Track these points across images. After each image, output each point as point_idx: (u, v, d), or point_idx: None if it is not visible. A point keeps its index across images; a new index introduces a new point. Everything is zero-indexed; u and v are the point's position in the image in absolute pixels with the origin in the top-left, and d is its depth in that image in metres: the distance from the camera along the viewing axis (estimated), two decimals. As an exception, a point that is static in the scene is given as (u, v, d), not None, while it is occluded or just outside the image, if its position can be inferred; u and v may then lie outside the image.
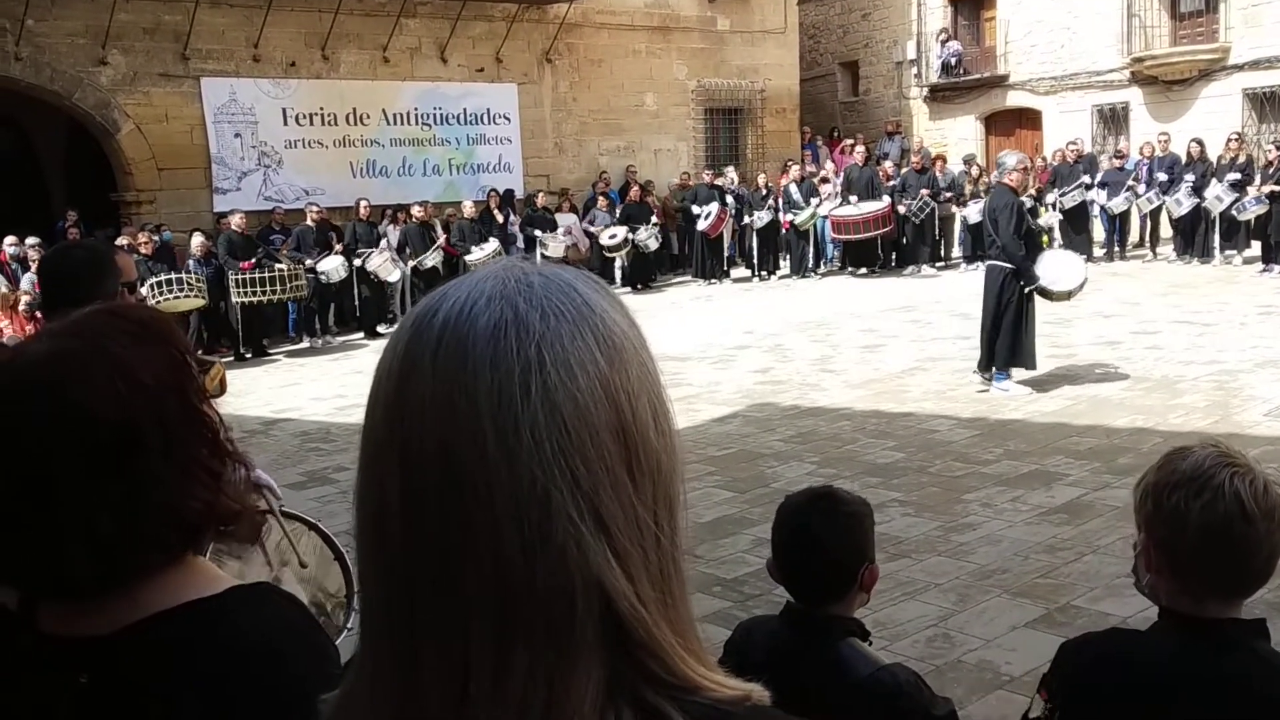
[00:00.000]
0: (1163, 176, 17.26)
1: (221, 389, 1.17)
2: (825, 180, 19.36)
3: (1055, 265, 9.41)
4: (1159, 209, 17.60)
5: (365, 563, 0.75)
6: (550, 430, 0.68)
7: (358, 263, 15.56)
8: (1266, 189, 15.29)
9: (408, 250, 16.31)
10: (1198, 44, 19.84)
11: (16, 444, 1.10)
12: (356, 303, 16.03)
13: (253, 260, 14.42)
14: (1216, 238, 16.63)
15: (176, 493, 1.13)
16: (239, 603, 1.19)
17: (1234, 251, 16.50)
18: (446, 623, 0.70)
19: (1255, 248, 16.17)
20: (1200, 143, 17.15)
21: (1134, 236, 18.62)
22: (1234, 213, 15.87)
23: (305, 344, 15.20)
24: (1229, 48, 19.26)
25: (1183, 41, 20.22)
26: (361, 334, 15.80)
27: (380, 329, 15.96)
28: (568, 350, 0.70)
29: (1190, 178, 16.69)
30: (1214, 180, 16.32)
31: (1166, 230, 17.81)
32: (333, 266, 15.13)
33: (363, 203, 16.39)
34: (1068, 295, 9.33)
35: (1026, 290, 8.94)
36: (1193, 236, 17.01)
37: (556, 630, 0.69)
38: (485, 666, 0.69)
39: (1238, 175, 16.04)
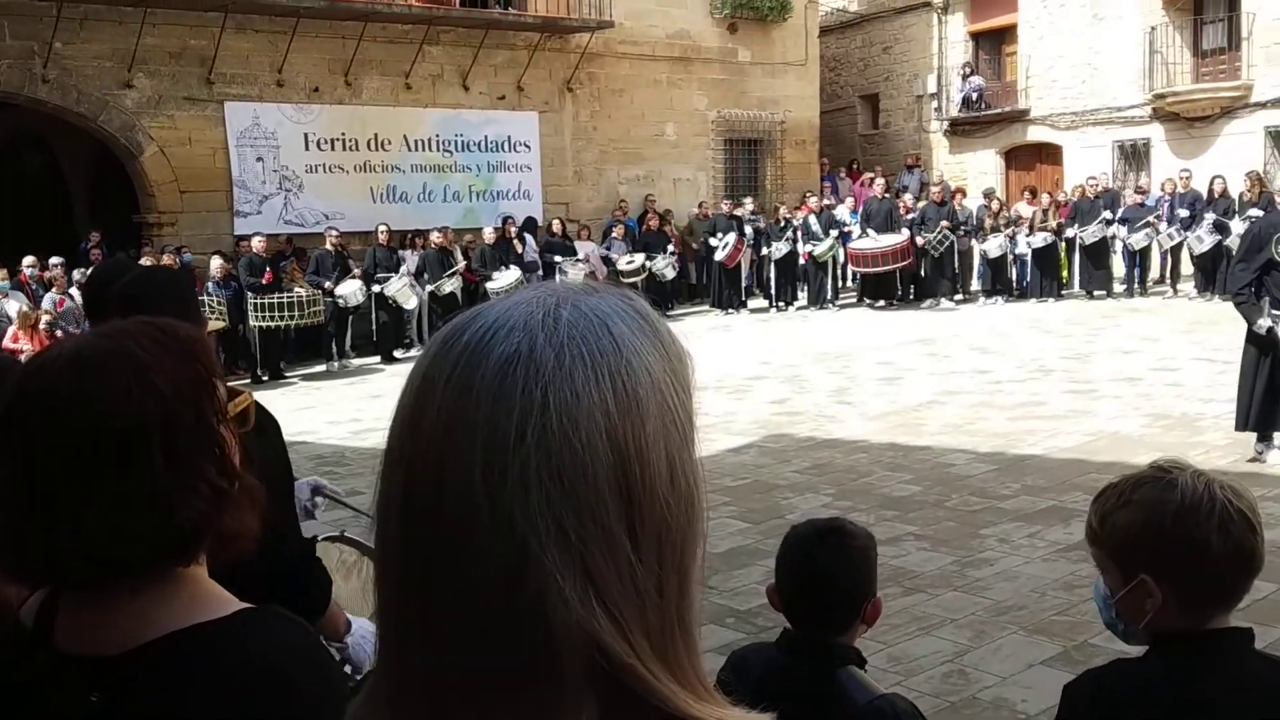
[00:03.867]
0: (1184, 213, 17.20)
1: (246, 421, 1.17)
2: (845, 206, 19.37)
3: None
4: (1180, 245, 17.52)
5: (376, 577, 0.75)
6: (540, 477, 0.66)
7: (376, 288, 15.63)
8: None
9: (425, 276, 16.37)
10: (1220, 81, 19.82)
11: (23, 426, 1.13)
12: (374, 327, 16.09)
13: (270, 272, 14.51)
14: (1238, 275, 16.52)
15: (173, 501, 1.13)
16: (248, 627, 1.18)
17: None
18: (423, 651, 0.69)
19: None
20: (1222, 179, 17.10)
21: (1154, 273, 18.54)
22: (1256, 250, 15.78)
23: (322, 368, 15.24)
24: (1251, 85, 19.22)
25: (1205, 79, 20.20)
26: (378, 358, 15.83)
27: (398, 354, 16.01)
28: (577, 396, 0.67)
29: (1211, 215, 16.62)
30: (1236, 218, 16.24)
31: (1187, 267, 17.72)
32: (351, 291, 15.20)
33: (382, 228, 16.47)
34: None
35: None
36: (1214, 274, 16.89)
37: (534, 673, 0.67)
38: (465, 700, 0.68)
39: (1259, 213, 15.96)
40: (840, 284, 19.43)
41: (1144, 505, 1.68)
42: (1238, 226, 15.95)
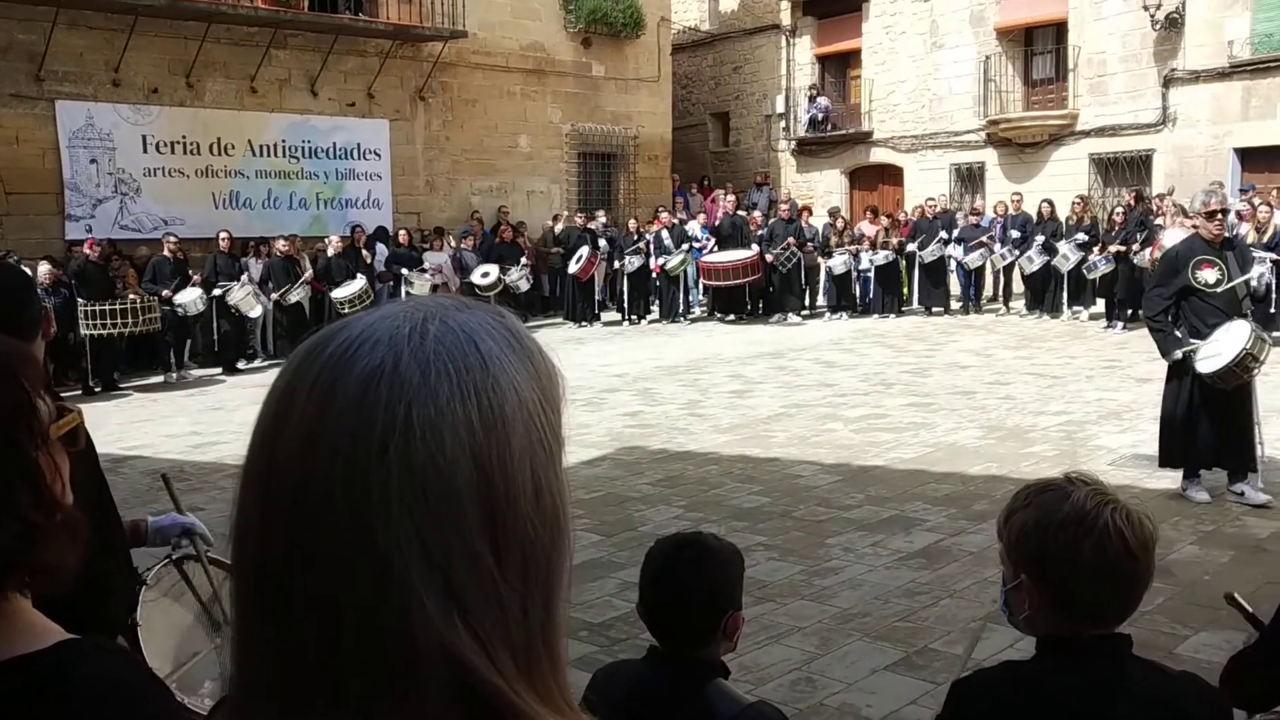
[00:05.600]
0: (1016, 234, 18.03)
1: (75, 441, 1.11)
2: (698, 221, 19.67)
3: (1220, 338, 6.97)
4: (1012, 265, 18.36)
5: (234, 595, 0.73)
6: (403, 494, 0.65)
7: (218, 292, 15.10)
8: (1112, 249, 16.09)
9: (270, 285, 15.92)
10: (1048, 110, 20.88)
11: None
12: (216, 337, 15.54)
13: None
14: (1065, 294, 17.41)
15: None
16: (72, 656, 1.13)
17: (1080, 308, 17.30)
18: (279, 669, 0.68)
19: (1100, 305, 16.99)
20: (1050, 203, 17.99)
21: (988, 291, 19.39)
22: (1084, 271, 16.65)
23: (160, 378, 14.64)
24: (1077, 114, 20.32)
25: (1035, 107, 21.26)
26: (220, 369, 15.30)
27: (240, 365, 15.50)
28: (441, 412, 0.67)
29: (1041, 237, 17.48)
30: (1063, 239, 17.12)
31: (1019, 286, 18.58)
32: (190, 299, 14.65)
33: (224, 235, 15.93)
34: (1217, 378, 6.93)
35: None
36: (1043, 293, 17.78)
37: (394, 691, 0.66)
38: (322, 718, 0.67)
39: (1084, 236, 16.87)
40: (691, 298, 19.69)
41: (1038, 509, 1.78)
42: (1064, 248, 16.83)
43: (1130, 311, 16.31)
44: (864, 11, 23.64)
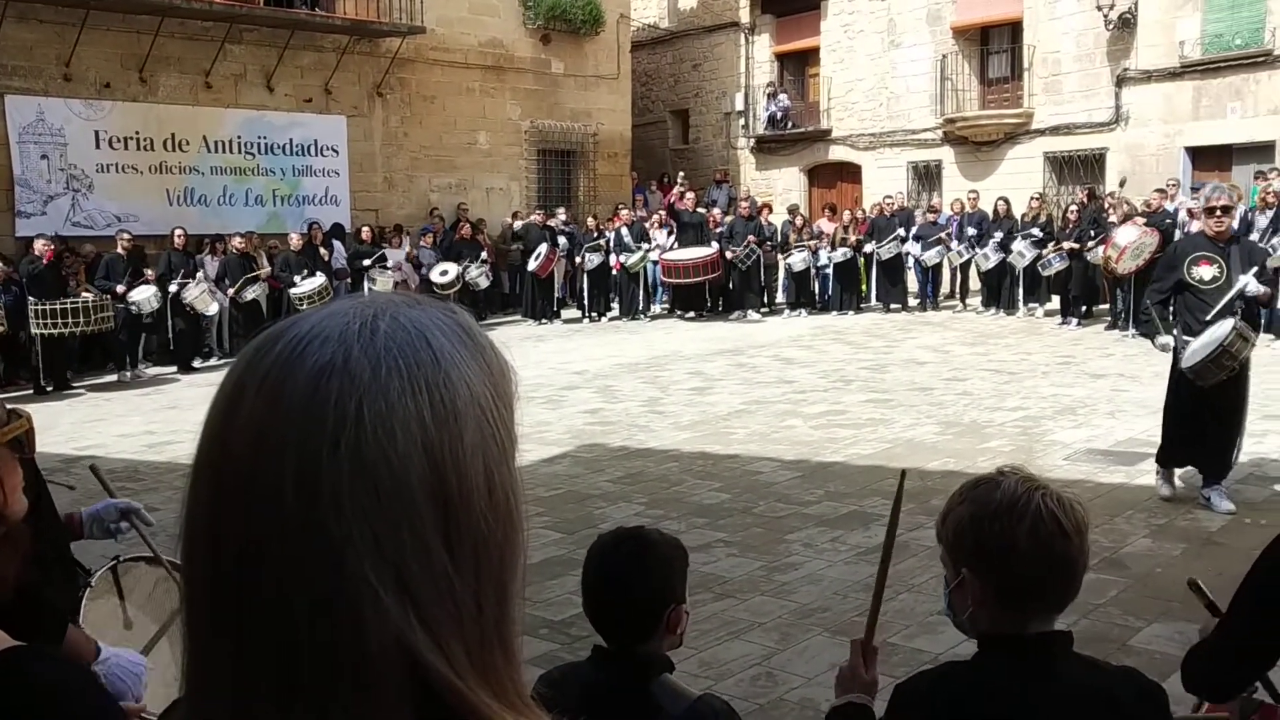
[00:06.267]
0: (972, 231, 18.20)
1: (22, 448, 1.08)
2: (660, 225, 19.69)
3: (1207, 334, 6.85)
4: (969, 262, 18.54)
5: (183, 595, 0.72)
6: (355, 490, 0.65)
7: (173, 288, 14.91)
8: (1066, 246, 16.28)
9: (227, 282, 15.75)
10: (1004, 109, 21.09)
11: None
12: (171, 335, 15.35)
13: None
14: (1020, 291, 17.60)
15: None
16: (16, 663, 1.12)
17: (1036, 305, 17.50)
18: (231, 668, 0.67)
19: (1055, 301, 17.19)
20: (1006, 201, 18.18)
21: (945, 288, 19.56)
22: (1039, 268, 16.84)
23: (113, 378, 14.44)
24: (1032, 113, 20.53)
25: (990, 105, 21.46)
26: (175, 368, 15.11)
27: (196, 363, 15.33)
28: (392, 408, 0.66)
29: (998, 234, 17.65)
30: (1018, 237, 17.30)
31: (975, 283, 18.76)
32: (144, 297, 14.45)
33: (179, 231, 15.73)
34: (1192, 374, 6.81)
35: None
36: (999, 290, 17.96)
37: (347, 688, 0.66)
38: (272, 714, 0.66)
39: (1039, 233, 17.06)
40: (652, 295, 19.70)
41: (972, 503, 1.80)
42: (1020, 245, 17.02)
43: (1085, 308, 16.56)
44: (822, 10, 23.74)
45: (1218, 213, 6.87)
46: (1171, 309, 7.09)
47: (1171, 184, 16.71)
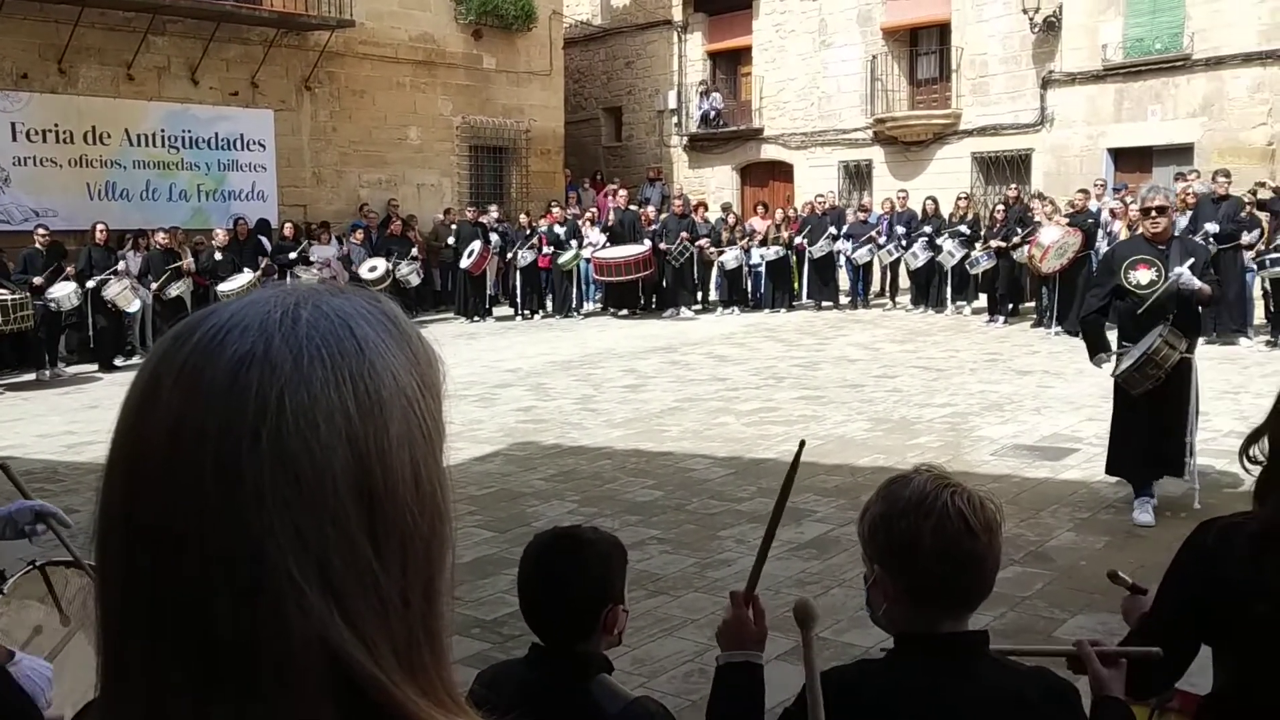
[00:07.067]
0: (901, 230, 18.42)
1: None
2: (592, 222, 19.67)
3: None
4: (898, 261, 18.77)
5: (98, 593, 0.69)
6: (276, 481, 0.63)
7: (92, 284, 14.54)
8: (993, 244, 16.55)
9: (150, 278, 15.41)
10: (933, 109, 21.40)
11: None
12: (91, 333, 14.97)
13: None
14: (949, 290, 17.85)
15: None
16: None
17: (964, 303, 17.77)
18: (146, 664, 0.65)
19: (982, 299, 17.47)
20: (935, 200, 18.44)
21: (875, 286, 19.78)
22: (967, 267, 17.10)
23: (31, 376, 14.06)
24: (960, 114, 20.86)
25: (919, 106, 21.76)
26: (96, 366, 14.76)
27: (118, 362, 14.98)
28: (315, 399, 0.65)
29: (927, 232, 17.89)
30: (945, 235, 17.55)
31: (905, 281, 19.00)
32: (64, 293, 14.08)
33: (100, 226, 15.35)
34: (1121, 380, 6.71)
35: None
36: (927, 288, 18.21)
37: (267, 683, 0.64)
38: (183, 715, 0.64)
39: (966, 231, 17.32)
40: (585, 292, 19.67)
41: (884, 501, 1.81)
42: (948, 244, 17.27)
43: (1011, 306, 16.85)
44: (754, 9, 23.88)
45: (1153, 213, 6.65)
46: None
47: (1099, 184, 17.07)
